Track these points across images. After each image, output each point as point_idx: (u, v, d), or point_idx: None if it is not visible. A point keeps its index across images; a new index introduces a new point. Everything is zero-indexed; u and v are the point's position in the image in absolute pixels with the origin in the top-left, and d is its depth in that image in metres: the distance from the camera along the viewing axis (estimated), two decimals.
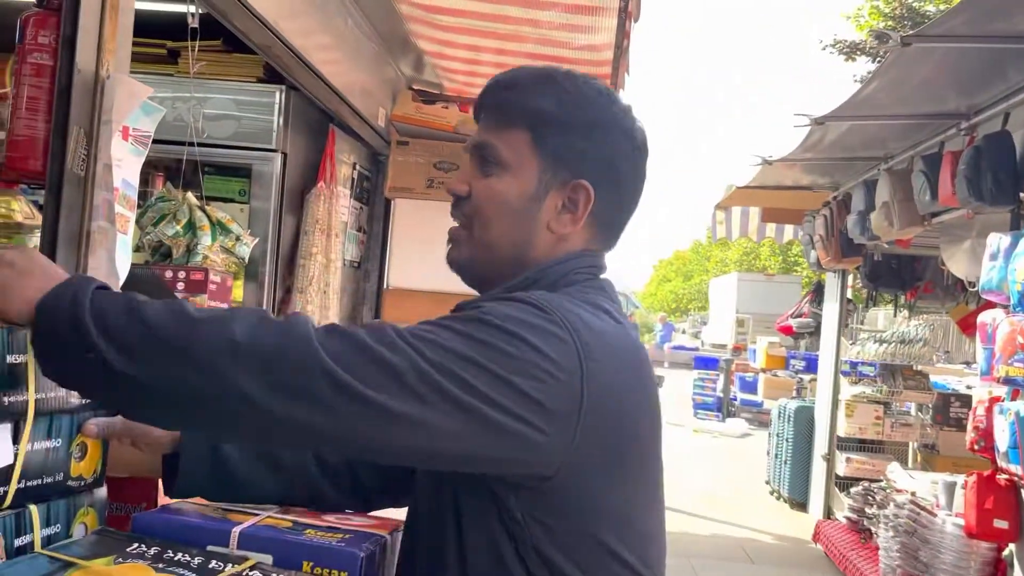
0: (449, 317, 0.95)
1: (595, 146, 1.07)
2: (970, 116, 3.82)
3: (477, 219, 1.07)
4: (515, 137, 1.06)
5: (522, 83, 1.08)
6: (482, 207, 1.07)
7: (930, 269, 6.04)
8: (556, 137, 1.06)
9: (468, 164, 1.10)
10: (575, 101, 1.07)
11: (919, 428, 6.04)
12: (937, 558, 3.72)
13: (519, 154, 1.06)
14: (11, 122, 1.50)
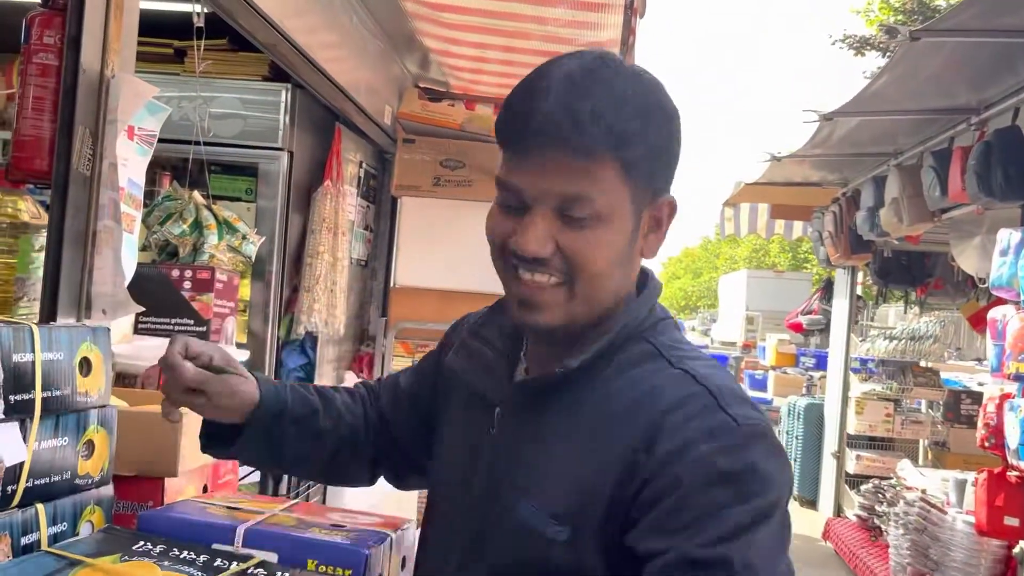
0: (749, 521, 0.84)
1: (672, 148, 0.94)
2: (980, 111, 3.79)
3: (580, 276, 0.91)
4: (605, 176, 0.89)
5: (598, 108, 0.88)
6: (586, 264, 0.91)
7: (940, 265, 6.01)
8: (643, 161, 0.91)
9: (541, 217, 0.90)
10: (649, 108, 0.91)
11: (930, 425, 6.01)
12: (947, 556, 3.70)
13: (613, 195, 0.90)
14: (17, 122, 1.51)
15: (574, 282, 0.92)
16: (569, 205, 0.89)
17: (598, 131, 0.87)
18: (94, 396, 1.05)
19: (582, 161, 0.88)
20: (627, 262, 0.95)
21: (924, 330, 6.25)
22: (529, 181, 0.91)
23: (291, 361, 3.11)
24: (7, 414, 0.92)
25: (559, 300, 0.93)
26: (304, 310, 3.06)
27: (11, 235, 1.57)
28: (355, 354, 3.78)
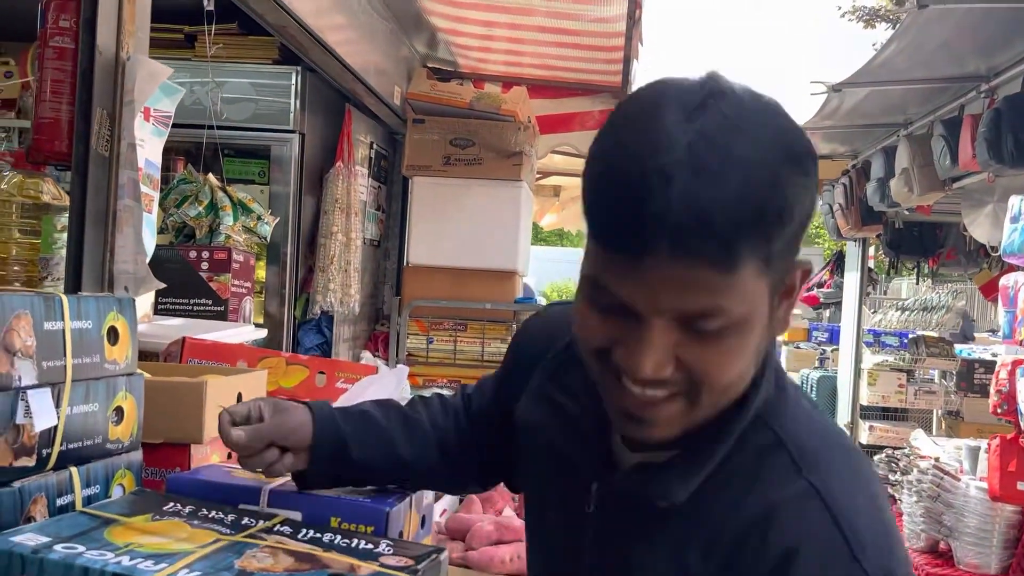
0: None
1: (806, 210, 0.72)
2: (990, 78, 3.77)
3: (706, 391, 0.74)
4: (745, 279, 0.69)
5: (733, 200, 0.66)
6: (715, 377, 0.73)
7: (952, 235, 5.99)
8: (782, 245, 0.71)
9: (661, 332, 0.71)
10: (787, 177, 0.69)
11: (943, 395, 6.01)
12: (961, 522, 3.72)
13: (753, 298, 0.71)
14: (36, 105, 1.55)
15: (699, 394, 0.74)
16: (702, 319, 0.71)
17: (742, 234, 0.67)
18: (122, 364, 1.09)
19: (721, 269, 0.68)
20: (758, 352, 0.77)
21: (937, 301, 6.23)
22: (644, 295, 0.70)
23: (307, 340, 3.16)
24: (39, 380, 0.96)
25: (677, 414, 0.76)
26: (319, 290, 3.10)
27: (34, 216, 1.61)
28: (370, 333, 3.83)
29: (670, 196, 0.66)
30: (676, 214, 0.66)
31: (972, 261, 5.97)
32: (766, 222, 0.68)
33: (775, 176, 0.69)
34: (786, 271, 0.75)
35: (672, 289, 0.69)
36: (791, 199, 0.69)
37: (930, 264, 6.21)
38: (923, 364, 6.06)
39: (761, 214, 0.68)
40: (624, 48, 3.36)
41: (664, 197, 0.66)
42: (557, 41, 3.43)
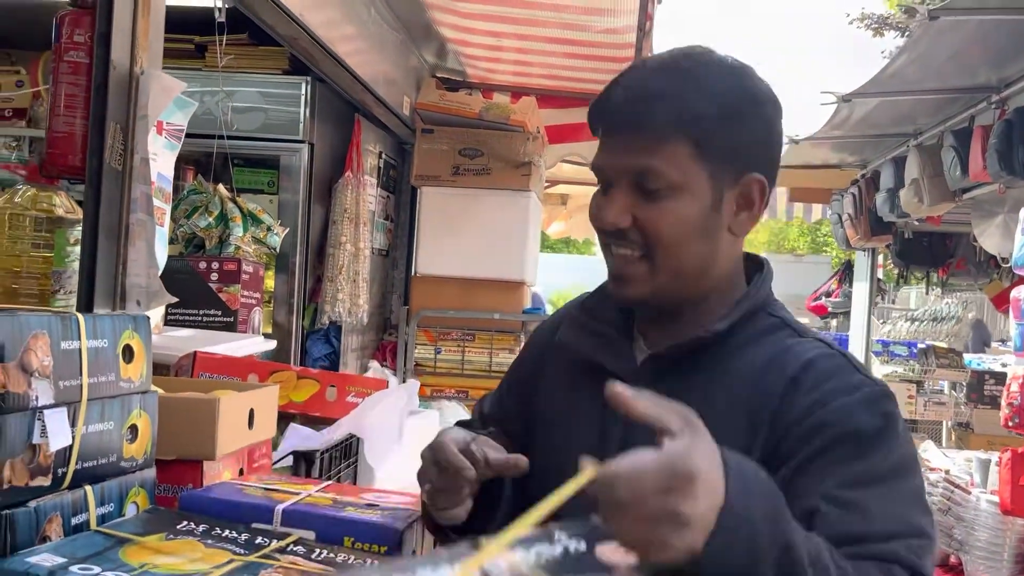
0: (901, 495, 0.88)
1: (755, 132, 0.98)
2: (1001, 89, 3.76)
3: (659, 248, 0.95)
4: (675, 151, 0.94)
5: (665, 90, 0.94)
6: (663, 235, 0.95)
7: (962, 246, 5.97)
8: (718, 136, 0.95)
9: (619, 192, 0.96)
10: (724, 91, 0.96)
11: (953, 407, 5.98)
12: (972, 535, 3.70)
13: (685, 169, 0.94)
14: (50, 119, 1.55)
15: (653, 255, 0.96)
16: (643, 179, 0.95)
17: (665, 111, 0.93)
18: (137, 382, 1.09)
19: (652, 139, 0.94)
20: (709, 236, 0.97)
21: (946, 311, 6.20)
22: (608, 160, 0.98)
23: (316, 350, 3.16)
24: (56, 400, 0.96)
25: (643, 273, 0.97)
26: (328, 300, 3.10)
27: (47, 229, 1.61)
28: (378, 343, 3.83)
29: (622, 86, 0.97)
30: (623, 96, 0.96)
31: (982, 271, 5.95)
32: (691, 108, 0.93)
33: (709, 86, 0.95)
34: (735, 172, 0.97)
35: (619, 153, 0.96)
36: (721, 104, 0.94)
37: (940, 274, 6.18)
38: (933, 375, 6.03)
39: (686, 100, 0.93)
40: (634, 59, 3.36)
41: (619, 88, 0.97)
42: (566, 52, 3.43)
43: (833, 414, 0.89)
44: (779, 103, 1.01)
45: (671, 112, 0.93)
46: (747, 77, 0.98)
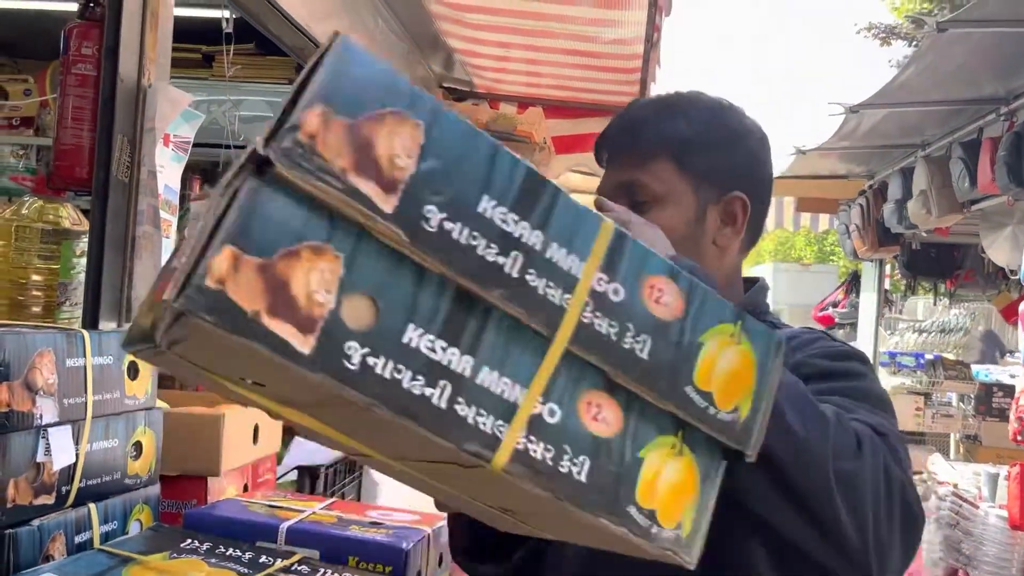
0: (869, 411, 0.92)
1: (736, 155, 1.10)
2: (1009, 101, 3.75)
3: None
4: (659, 168, 1.08)
5: (649, 117, 1.11)
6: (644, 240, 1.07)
7: (970, 257, 5.94)
8: (698, 157, 1.08)
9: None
10: (704, 119, 1.10)
11: (961, 419, 5.95)
12: (980, 550, 3.67)
13: (669, 183, 1.08)
14: (57, 132, 1.55)
15: None
16: (632, 192, 1.08)
17: (648, 132, 1.09)
18: (141, 399, 1.09)
19: (638, 157, 1.09)
20: (694, 244, 1.08)
21: (954, 322, 6.17)
22: (605, 182, 1.12)
23: None
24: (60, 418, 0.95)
25: None
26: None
27: (53, 241, 1.61)
28: None
29: (614, 121, 1.14)
30: (615, 128, 1.13)
31: (990, 283, 5.92)
32: (671, 132, 1.08)
33: (690, 116, 1.09)
34: (718, 190, 1.08)
35: (613, 173, 1.11)
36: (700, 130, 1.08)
37: (948, 285, 6.16)
38: (940, 387, 6.00)
39: (666, 127, 1.08)
40: (642, 70, 3.36)
41: (612, 123, 1.14)
42: (574, 63, 3.43)
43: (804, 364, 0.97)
44: (765, 137, 1.14)
45: (654, 133, 1.08)
46: (729, 112, 1.12)
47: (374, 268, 0.55)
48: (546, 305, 0.59)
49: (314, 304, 0.52)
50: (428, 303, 0.56)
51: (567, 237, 0.60)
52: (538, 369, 0.59)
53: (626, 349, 0.62)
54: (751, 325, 0.67)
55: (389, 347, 0.55)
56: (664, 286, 0.63)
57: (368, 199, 0.54)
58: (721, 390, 0.65)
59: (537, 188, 0.60)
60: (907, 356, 6.25)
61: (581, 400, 0.60)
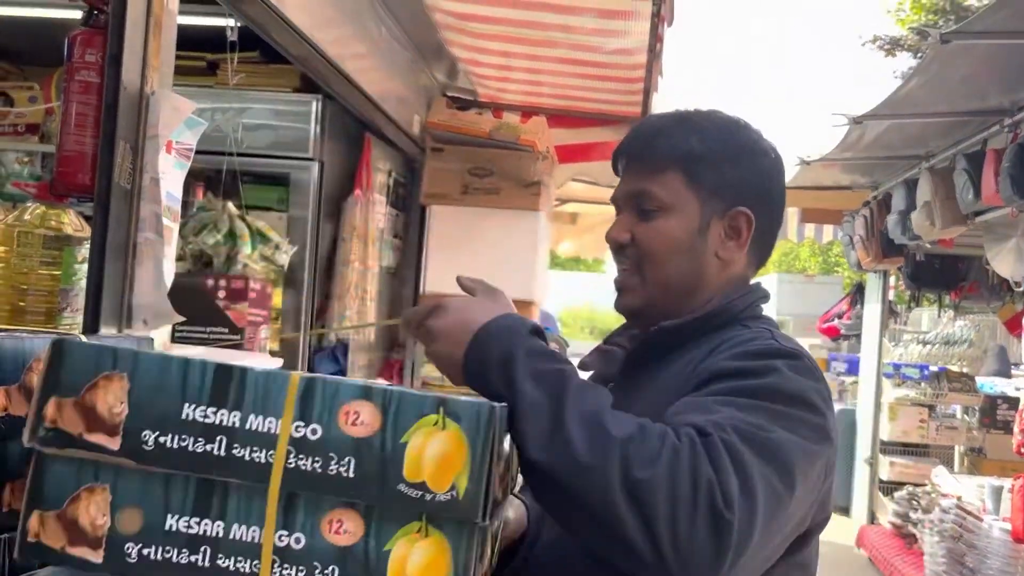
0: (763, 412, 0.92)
1: (745, 172, 1.13)
2: (1014, 112, 3.74)
3: (648, 262, 1.12)
4: (669, 179, 1.11)
5: (664, 129, 1.14)
6: (652, 249, 1.11)
7: (974, 269, 5.92)
8: (708, 171, 1.11)
9: (624, 214, 1.14)
10: (717, 136, 1.13)
11: (965, 431, 5.92)
12: (984, 563, 3.65)
13: (677, 194, 1.11)
14: (60, 138, 1.56)
15: (643, 267, 1.12)
16: (641, 200, 1.12)
17: (661, 145, 1.12)
18: None
19: (650, 167, 1.12)
20: (694, 255, 1.11)
21: (958, 334, 6.15)
22: (618, 191, 1.17)
23: (323, 368, 3.15)
24: None
25: (635, 284, 1.13)
26: (335, 318, 3.10)
27: (55, 247, 1.61)
28: (385, 361, 3.82)
29: (634, 132, 1.18)
30: (628, 139, 1.17)
31: (995, 295, 5.90)
32: (682, 145, 1.11)
33: (702, 132, 1.12)
34: (724, 204, 1.12)
35: (626, 182, 1.15)
36: (712, 146, 1.11)
37: (952, 297, 6.14)
38: (945, 399, 5.97)
39: (678, 140, 1.11)
40: (644, 80, 3.36)
41: (631, 134, 1.18)
42: (577, 72, 3.43)
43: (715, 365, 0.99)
44: (779, 159, 1.17)
45: (667, 145, 1.12)
46: (743, 130, 1.15)
47: (132, 487, 0.78)
48: (254, 467, 0.76)
49: (97, 528, 0.78)
50: (178, 496, 0.78)
51: (261, 405, 0.77)
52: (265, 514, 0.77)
53: (332, 475, 0.76)
54: (455, 407, 0.77)
55: (157, 537, 0.77)
56: (360, 408, 0.76)
57: (101, 446, 0.78)
58: (433, 476, 0.75)
59: (227, 378, 0.78)
60: (912, 368, 6.23)
61: (324, 520, 0.76)
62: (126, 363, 0.78)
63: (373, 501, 0.76)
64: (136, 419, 0.78)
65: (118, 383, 0.78)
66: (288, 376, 0.78)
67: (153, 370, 0.78)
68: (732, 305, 1.11)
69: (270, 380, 0.78)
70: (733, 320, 1.10)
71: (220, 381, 0.78)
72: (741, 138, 1.14)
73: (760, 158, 1.15)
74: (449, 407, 0.76)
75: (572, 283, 16.20)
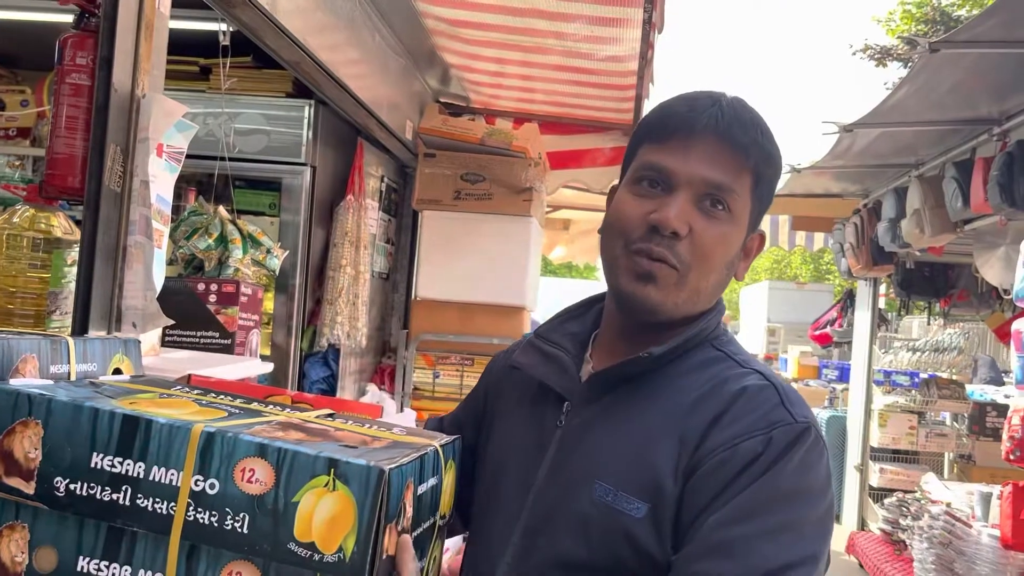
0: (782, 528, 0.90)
1: (772, 196, 1.06)
2: (1002, 121, 3.77)
3: (697, 265, 0.99)
4: (746, 180, 1.00)
5: (757, 121, 1.01)
6: (708, 254, 0.99)
7: (964, 277, 5.95)
8: (767, 186, 1.03)
9: (682, 197, 0.99)
10: (777, 151, 1.03)
11: (955, 438, 5.94)
12: (972, 570, 3.66)
13: (745, 199, 1.01)
14: (50, 140, 1.55)
15: (689, 272, 0.99)
16: (712, 194, 0.98)
17: (754, 138, 0.99)
18: None
19: (740, 160, 0.99)
20: (730, 269, 1.03)
21: (948, 342, 6.18)
22: (685, 166, 0.99)
23: (314, 373, 3.15)
24: None
25: (672, 281, 0.99)
26: (327, 322, 3.09)
27: (44, 250, 1.61)
28: (377, 366, 3.82)
29: (720, 108, 0.99)
30: (721, 113, 0.98)
31: (984, 303, 5.93)
32: (768, 146, 1.00)
33: (771, 134, 1.02)
34: (758, 220, 1.04)
35: (707, 162, 0.98)
36: (775, 163, 1.02)
37: (941, 305, 6.17)
38: (934, 406, 5.99)
39: (767, 138, 1.00)
40: (636, 87, 3.38)
41: (716, 108, 0.99)
42: (569, 79, 3.45)
43: (736, 454, 0.92)
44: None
45: (757, 142, 0.99)
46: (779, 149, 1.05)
47: (48, 527, 0.82)
48: (157, 517, 0.79)
49: (16, 564, 0.82)
50: (90, 539, 0.81)
51: (164, 456, 0.79)
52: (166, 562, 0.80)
53: (228, 530, 0.78)
54: (345, 469, 0.77)
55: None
56: (255, 466, 0.78)
57: (18, 490, 0.82)
58: (322, 537, 0.76)
59: (132, 428, 0.80)
60: (902, 375, 6.25)
61: (224, 572, 0.78)
62: (40, 410, 0.81)
63: (267, 557, 0.77)
64: (49, 465, 0.81)
65: (33, 429, 0.81)
66: (190, 429, 0.79)
67: (65, 418, 0.81)
68: (708, 324, 1.04)
69: (173, 433, 0.79)
70: (707, 343, 1.04)
71: (127, 429, 0.80)
72: (780, 158, 1.05)
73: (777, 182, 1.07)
74: (340, 469, 0.77)
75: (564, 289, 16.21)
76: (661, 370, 1.01)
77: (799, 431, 0.93)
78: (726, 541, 0.87)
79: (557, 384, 1.06)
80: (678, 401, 0.97)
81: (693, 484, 0.92)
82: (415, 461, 0.83)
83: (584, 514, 0.95)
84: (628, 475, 0.94)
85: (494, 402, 1.17)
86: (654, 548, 0.92)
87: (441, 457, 0.93)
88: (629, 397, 1.00)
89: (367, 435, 0.90)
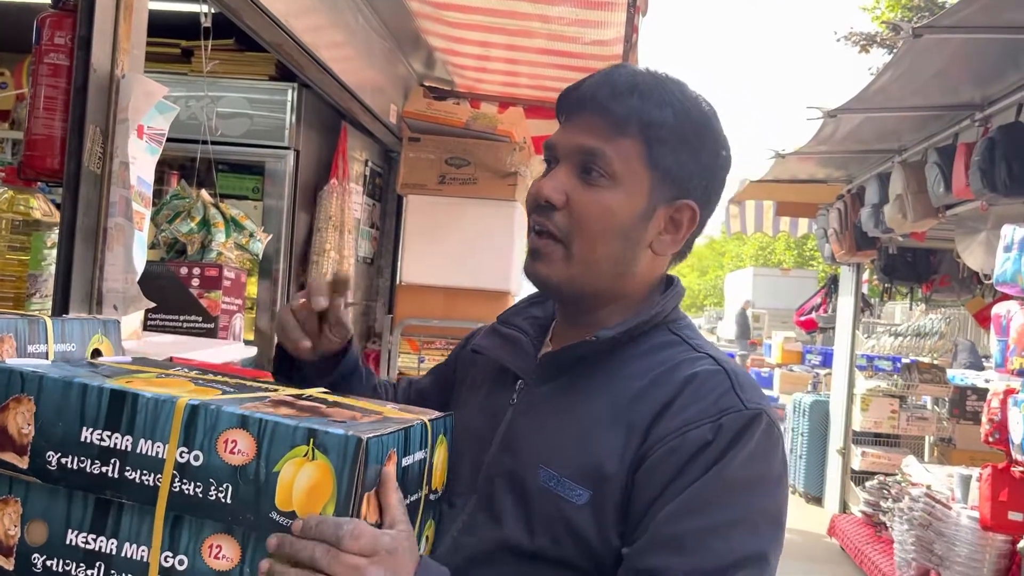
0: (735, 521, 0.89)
1: (703, 163, 1.01)
2: (984, 107, 3.80)
3: (578, 235, 0.98)
4: (627, 147, 0.97)
5: (640, 87, 0.98)
6: (586, 222, 0.98)
7: (946, 262, 6.01)
8: (669, 152, 0.98)
9: (562, 169, 1.00)
10: (689, 114, 1.00)
11: (935, 422, 6.01)
12: (952, 551, 3.71)
13: (631, 167, 0.98)
14: (29, 121, 1.53)
15: (570, 238, 0.99)
16: (590, 161, 0.98)
17: (630, 105, 0.97)
18: None
19: (611, 126, 0.97)
20: (629, 241, 1.00)
21: (929, 327, 6.24)
22: (563, 138, 1.01)
23: None
24: None
25: (556, 255, 1.00)
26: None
27: (23, 232, 1.60)
28: (362, 351, 3.81)
29: (598, 76, 1.01)
30: (596, 83, 1.00)
31: (965, 288, 5.99)
32: (652, 111, 0.97)
33: (675, 105, 0.98)
34: (674, 191, 1.00)
35: (576, 132, 0.99)
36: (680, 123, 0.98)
37: (923, 290, 6.22)
38: (916, 390, 6.06)
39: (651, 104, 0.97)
40: None
41: (596, 79, 1.01)
42: (554, 63, 3.44)
43: (686, 441, 0.91)
44: (731, 155, 1.05)
45: (635, 108, 0.97)
46: (711, 117, 1.02)
47: (40, 501, 0.85)
48: (143, 489, 0.81)
49: (9, 537, 0.85)
50: (78, 513, 0.84)
51: (151, 430, 0.81)
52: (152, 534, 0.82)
53: (212, 501, 0.79)
54: (324, 440, 0.79)
55: (59, 550, 0.84)
56: (237, 436, 0.80)
57: (13, 465, 0.85)
58: (302, 506, 0.78)
59: (120, 402, 0.83)
60: (884, 360, 6.32)
61: (205, 545, 0.80)
62: (32, 386, 0.84)
63: (249, 527, 0.79)
64: (41, 440, 0.84)
65: (26, 405, 0.84)
66: (175, 403, 0.81)
67: (56, 394, 0.83)
68: (664, 308, 1.03)
69: (159, 406, 0.81)
70: (664, 326, 1.04)
71: (115, 404, 0.82)
72: (709, 125, 1.02)
73: (720, 152, 1.03)
74: (319, 439, 0.78)
75: None
76: (614, 353, 1.00)
77: (749, 417, 0.92)
78: (677, 535, 0.87)
79: (512, 364, 1.07)
80: (628, 386, 0.97)
81: (643, 473, 0.91)
82: (398, 433, 0.84)
83: (528, 499, 0.95)
84: (572, 461, 0.94)
85: (462, 377, 1.19)
86: (592, 536, 0.91)
87: (429, 431, 0.93)
88: (580, 380, 1.00)
89: (358, 412, 0.90)
